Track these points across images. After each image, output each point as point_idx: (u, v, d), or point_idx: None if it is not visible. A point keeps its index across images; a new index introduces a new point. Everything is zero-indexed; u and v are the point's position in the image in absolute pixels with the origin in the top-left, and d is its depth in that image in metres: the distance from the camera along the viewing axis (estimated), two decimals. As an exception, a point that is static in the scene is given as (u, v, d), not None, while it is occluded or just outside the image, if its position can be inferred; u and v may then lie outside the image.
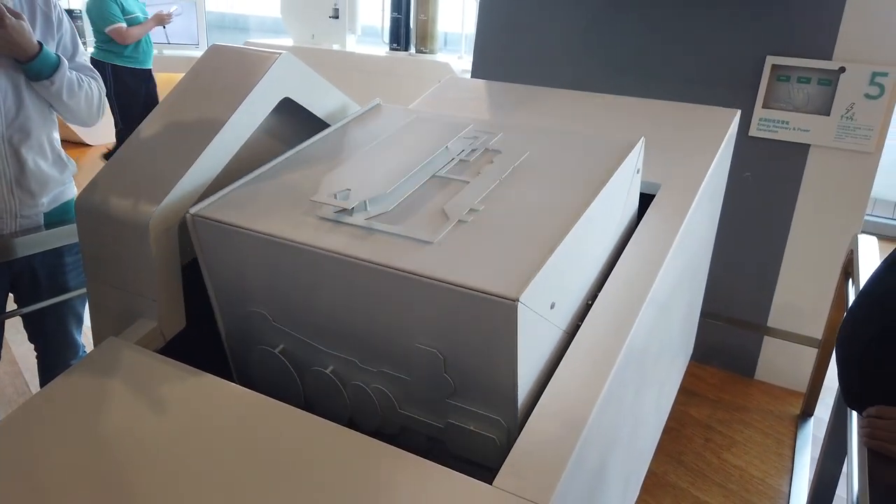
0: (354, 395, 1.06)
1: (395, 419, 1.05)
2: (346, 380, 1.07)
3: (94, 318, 1.20)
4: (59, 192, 1.74)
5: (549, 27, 2.77)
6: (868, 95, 2.29)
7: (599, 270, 1.15)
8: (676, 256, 1.28)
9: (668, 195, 1.39)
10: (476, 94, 2.02)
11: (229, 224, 1.04)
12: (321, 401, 1.11)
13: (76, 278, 1.83)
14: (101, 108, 1.75)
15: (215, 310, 1.17)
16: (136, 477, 0.84)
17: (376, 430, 1.06)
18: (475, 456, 0.99)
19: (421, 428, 1.04)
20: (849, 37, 2.28)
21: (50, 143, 1.69)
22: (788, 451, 2.33)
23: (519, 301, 0.84)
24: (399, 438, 1.06)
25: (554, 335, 1.00)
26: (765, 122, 2.45)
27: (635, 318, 1.03)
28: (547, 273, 0.90)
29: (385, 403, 1.05)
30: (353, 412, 1.08)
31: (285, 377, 1.13)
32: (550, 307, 0.95)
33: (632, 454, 1.39)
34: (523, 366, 0.90)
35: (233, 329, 1.18)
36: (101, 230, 1.11)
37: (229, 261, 1.09)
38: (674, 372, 1.92)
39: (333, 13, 5.76)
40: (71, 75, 1.62)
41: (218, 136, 1.14)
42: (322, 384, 1.09)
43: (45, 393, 0.97)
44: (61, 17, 1.67)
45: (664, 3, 2.53)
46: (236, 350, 1.20)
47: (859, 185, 2.38)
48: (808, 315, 2.56)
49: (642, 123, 1.76)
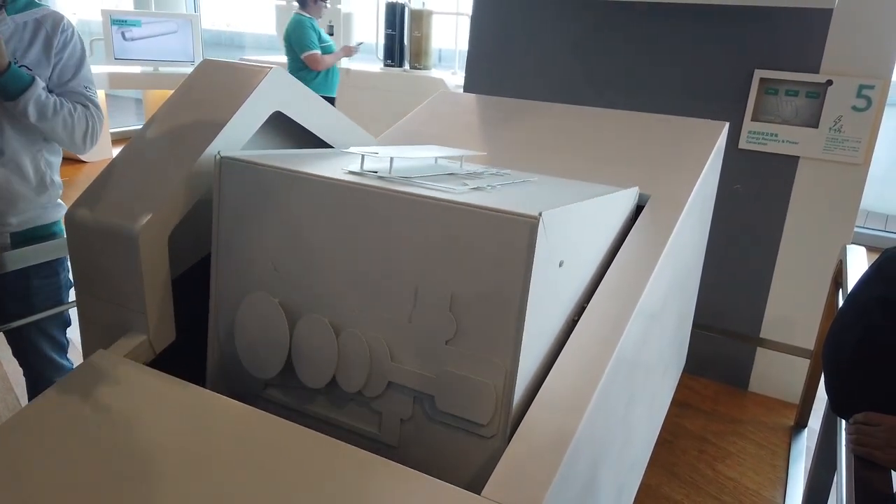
0: (346, 344, 1.04)
1: (384, 374, 1.02)
2: (342, 328, 1.05)
3: (83, 332, 1.20)
4: (35, 214, 1.72)
5: (539, 43, 2.80)
6: (855, 108, 2.31)
7: (589, 281, 1.16)
8: (666, 267, 1.28)
9: (656, 207, 1.40)
10: (467, 108, 2.04)
11: (257, 163, 1.07)
12: (308, 353, 1.07)
13: (43, 301, 1.80)
14: (87, 135, 1.71)
15: (213, 260, 1.15)
16: (124, 491, 0.83)
17: (359, 390, 1.03)
18: (466, 410, 0.96)
19: (410, 382, 1.00)
20: (836, 50, 2.31)
21: (35, 165, 1.68)
22: (782, 462, 2.33)
23: (541, 217, 0.87)
24: (382, 399, 1.03)
25: (556, 297, 1.01)
26: (754, 134, 2.47)
27: (624, 329, 1.04)
28: (564, 217, 0.95)
29: (378, 354, 1.02)
30: (340, 367, 1.05)
31: (274, 326, 1.09)
32: (559, 265, 0.97)
33: (624, 465, 1.39)
34: (532, 301, 0.90)
35: (226, 280, 1.15)
36: (91, 243, 1.11)
37: (245, 204, 1.10)
38: (666, 383, 1.92)
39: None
40: (46, 99, 1.59)
41: (208, 148, 1.15)
42: (314, 333, 1.06)
43: (32, 407, 0.97)
44: (66, 43, 1.67)
45: (653, 18, 2.56)
46: (222, 303, 1.17)
47: (848, 196, 2.40)
48: (801, 326, 2.57)
49: (631, 136, 1.77)
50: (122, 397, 0.98)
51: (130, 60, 5.82)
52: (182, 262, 1.22)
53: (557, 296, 1.03)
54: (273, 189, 1.07)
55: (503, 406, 0.93)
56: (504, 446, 0.88)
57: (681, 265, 1.60)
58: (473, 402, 0.95)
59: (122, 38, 5.72)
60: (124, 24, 5.70)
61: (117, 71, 5.77)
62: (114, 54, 5.72)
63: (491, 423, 0.93)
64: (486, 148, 1.73)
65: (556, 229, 0.93)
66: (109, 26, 5.64)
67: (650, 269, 1.18)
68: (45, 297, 1.80)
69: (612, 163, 1.63)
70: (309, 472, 0.86)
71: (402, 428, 1.01)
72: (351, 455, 0.88)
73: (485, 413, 0.94)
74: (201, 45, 6.05)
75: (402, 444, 1.02)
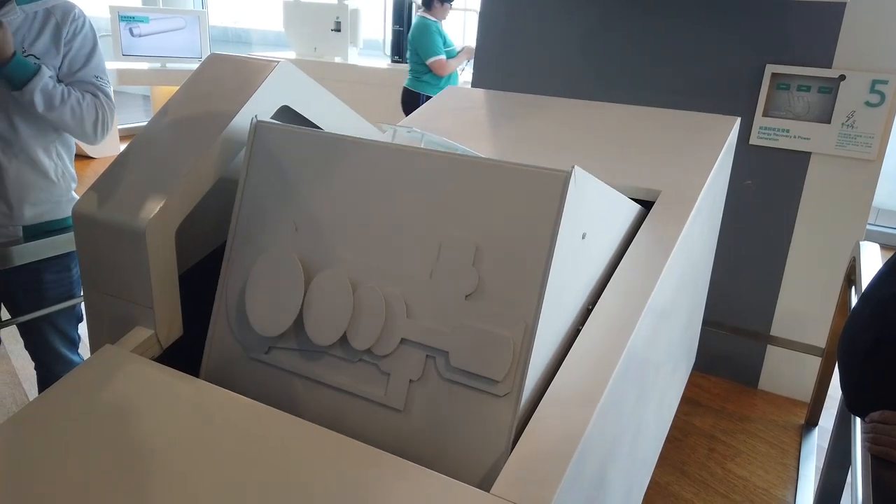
0: (362, 298, 1.02)
1: (397, 330, 1.00)
2: (359, 285, 1.04)
3: (91, 326, 1.19)
4: (47, 208, 1.72)
5: (547, 38, 2.78)
6: (868, 103, 2.29)
7: (598, 277, 1.14)
8: (676, 264, 1.27)
9: (667, 202, 1.38)
10: (476, 102, 2.03)
11: (293, 129, 1.12)
12: (321, 308, 1.05)
13: (55, 296, 1.80)
14: (98, 126, 1.70)
15: (232, 226, 1.15)
16: (131, 485, 0.83)
17: (369, 348, 1.01)
18: (481, 366, 0.94)
19: (425, 338, 0.98)
20: (848, 45, 2.28)
21: (48, 155, 1.67)
22: (793, 461, 2.31)
23: (573, 170, 0.91)
24: (392, 358, 1.00)
25: (576, 269, 1.03)
26: (765, 130, 2.45)
27: (634, 326, 1.03)
28: (590, 186, 0.99)
29: (393, 310, 1.01)
30: (352, 323, 1.02)
31: (289, 280, 1.07)
32: (582, 237, 1.00)
33: (633, 463, 1.38)
34: (557, 256, 0.91)
35: (242, 245, 1.14)
36: (98, 237, 1.11)
37: (275, 168, 1.11)
38: (676, 381, 1.91)
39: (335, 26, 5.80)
40: (53, 88, 1.59)
41: (216, 142, 1.14)
42: (330, 287, 1.05)
43: (39, 401, 0.97)
44: (77, 33, 1.66)
45: (662, 12, 2.54)
46: (235, 266, 1.15)
47: (861, 192, 2.38)
48: (812, 323, 2.55)
49: (640, 131, 1.76)
50: (129, 392, 0.98)
51: (138, 57, 5.83)
52: (190, 256, 1.22)
53: (578, 267, 1.03)
54: (306, 153, 1.09)
55: (520, 363, 0.92)
56: (516, 409, 0.88)
57: (691, 262, 1.58)
58: (489, 358, 0.93)
59: (129, 34, 5.73)
60: (132, 20, 5.71)
61: (125, 67, 5.79)
62: (121, 50, 5.73)
63: (506, 379, 0.91)
64: (494, 143, 1.72)
65: (582, 193, 0.96)
66: (117, 22, 5.66)
67: (660, 266, 1.17)
68: (58, 292, 1.81)
69: (622, 158, 1.62)
70: (315, 469, 0.85)
71: (410, 389, 0.99)
72: (357, 451, 0.87)
73: (500, 368, 0.92)
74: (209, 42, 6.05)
75: (408, 407, 0.98)
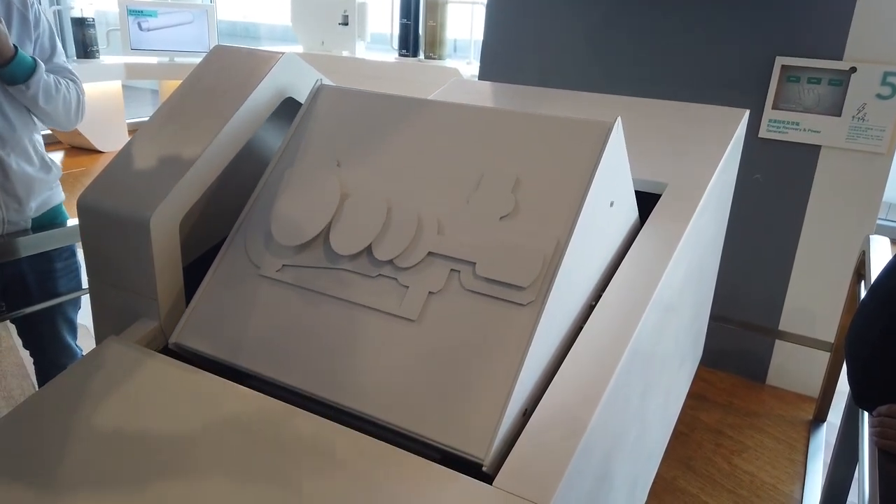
0: (395, 215, 1.04)
1: (425, 244, 1.01)
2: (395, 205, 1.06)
3: (95, 318, 1.20)
4: (46, 196, 1.72)
5: (554, 31, 2.76)
6: (880, 96, 2.26)
7: (604, 270, 1.13)
8: (682, 257, 1.26)
9: (674, 195, 1.37)
10: (482, 94, 2.02)
11: (354, 90, 1.21)
12: (350, 221, 1.06)
13: (66, 284, 1.82)
14: (80, 111, 1.70)
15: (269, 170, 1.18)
16: (135, 476, 0.83)
17: (392, 259, 1.00)
18: (508, 273, 0.94)
19: (453, 251, 0.99)
20: (860, 36, 2.25)
21: (34, 146, 1.67)
22: (801, 456, 2.29)
23: (616, 122, 1.02)
24: (414, 270, 1.00)
25: (602, 231, 1.09)
26: (775, 123, 2.43)
27: (639, 319, 1.02)
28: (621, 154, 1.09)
29: (425, 226, 1.02)
30: (379, 235, 1.02)
31: (323, 195, 1.09)
32: (610, 204, 1.08)
33: (638, 457, 1.37)
34: (592, 194, 0.98)
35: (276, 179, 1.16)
36: (103, 229, 1.11)
37: (329, 123, 1.19)
38: (682, 376, 1.90)
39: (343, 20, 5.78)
40: (48, 79, 1.58)
41: (220, 134, 1.14)
42: (364, 204, 1.06)
43: (43, 392, 0.97)
44: (38, 17, 1.63)
45: (670, 4, 2.51)
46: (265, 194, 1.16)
47: (871, 186, 2.35)
48: (821, 318, 2.53)
49: (648, 124, 1.74)
50: (134, 384, 0.98)
51: (147, 51, 5.84)
52: (194, 248, 1.22)
53: (603, 231, 1.08)
54: (361, 110, 1.18)
55: (547, 275, 0.93)
56: (537, 322, 0.90)
57: (698, 255, 1.57)
58: (518, 266, 0.95)
59: (138, 28, 5.73)
60: (140, 14, 5.72)
61: (133, 61, 5.79)
62: (130, 45, 5.74)
63: (531, 287, 0.92)
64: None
65: (616, 155, 1.05)
66: (126, 16, 5.66)
67: (667, 260, 1.16)
68: (68, 279, 1.82)
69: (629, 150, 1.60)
70: (320, 460, 0.85)
71: (428, 301, 0.97)
72: (365, 444, 0.87)
73: (528, 275, 0.93)
74: (217, 36, 6.05)
75: (423, 317, 0.97)
